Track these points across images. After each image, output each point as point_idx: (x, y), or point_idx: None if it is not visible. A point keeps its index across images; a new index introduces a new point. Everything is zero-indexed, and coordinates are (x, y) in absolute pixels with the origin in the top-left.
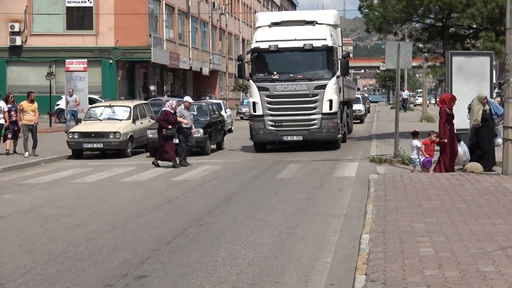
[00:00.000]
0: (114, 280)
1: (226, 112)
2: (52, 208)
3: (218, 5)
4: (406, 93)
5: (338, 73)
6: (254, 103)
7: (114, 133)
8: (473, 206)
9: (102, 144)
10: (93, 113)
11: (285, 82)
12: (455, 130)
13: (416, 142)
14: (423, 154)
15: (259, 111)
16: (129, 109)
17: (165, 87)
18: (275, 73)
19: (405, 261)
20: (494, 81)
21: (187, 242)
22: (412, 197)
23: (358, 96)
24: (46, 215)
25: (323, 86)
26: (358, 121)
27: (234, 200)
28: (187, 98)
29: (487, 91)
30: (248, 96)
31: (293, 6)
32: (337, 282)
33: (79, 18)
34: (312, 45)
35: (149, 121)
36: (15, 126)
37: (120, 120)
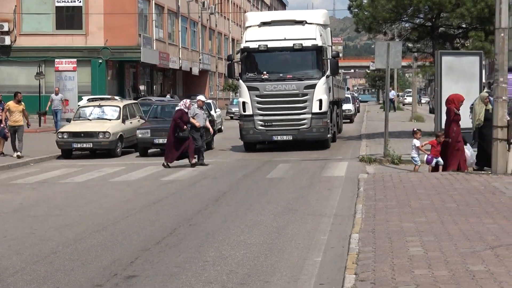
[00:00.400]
0: (104, 280)
1: (216, 112)
2: (41, 208)
3: (208, 4)
4: (392, 93)
5: (328, 72)
6: (244, 103)
7: (104, 133)
8: (462, 205)
9: (91, 144)
10: (82, 112)
11: (275, 82)
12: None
13: (415, 141)
14: (423, 153)
15: (249, 111)
16: (118, 109)
17: (154, 87)
18: (265, 72)
19: (394, 260)
20: (484, 80)
21: (177, 242)
22: (401, 196)
23: (348, 95)
24: (36, 215)
25: (313, 86)
26: (348, 120)
27: (224, 200)
28: (201, 97)
29: (477, 91)
30: (238, 96)
31: (283, 5)
32: (326, 281)
33: (69, 18)
34: (301, 44)
35: (138, 120)
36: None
37: (109, 120)
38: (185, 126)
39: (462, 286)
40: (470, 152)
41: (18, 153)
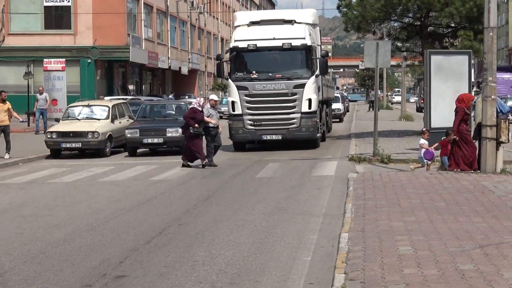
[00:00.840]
0: (93, 280)
1: None
2: (30, 208)
3: (197, 4)
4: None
5: (317, 72)
6: (233, 103)
7: (93, 132)
8: (452, 204)
9: (80, 143)
10: (71, 112)
11: (264, 81)
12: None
13: (421, 140)
14: (423, 149)
15: (238, 111)
16: (107, 108)
17: (144, 87)
18: (254, 72)
19: (384, 259)
20: (473, 79)
21: (166, 242)
22: (391, 196)
23: (337, 95)
24: (24, 215)
25: (302, 85)
26: (338, 120)
27: (213, 199)
28: (213, 96)
29: (466, 90)
30: (227, 95)
31: (272, 5)
32: (316, 281)
33: (57, 18)
34: (290, 44)
35: (127, 120)
36: None
37: (98, 119)
38: (196, 125)
39: (452, 285)
40: None
41: (7, 154)
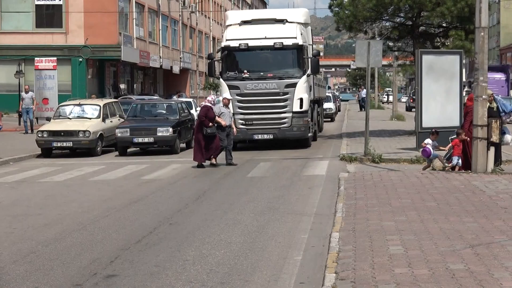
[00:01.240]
0: (83, 279)
1: (196, 110)
2: (20, 207)
3: (189, 3)
4: (364, 91)
5: (309, 71)
6: None
7: (84, 131)
8: (442, 204)
9: (71, 142)
10: (62, 111)
11: (255, 81)
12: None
13: (426, 140)
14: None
15: None
16: (99, 107)
17: (135, 86)
18: (246, 71)
19: (374, 259)
20: (464, 79)
21: (157, 241)
22: (382, 195)
23: (328, 94)
24: (15, 215)
25: (294, 85)
26: (329, 119)
27: (204, 199)
28: (226, 95)
29: (457, 90)
30: (218, 94)
31: (263, 4)
32: (307, 280)
33: (49, 16)
34: (282, 43)
35: (118, 119)
36: None
37: (89, 118)
38: (210, 124)
39: (442, 285)
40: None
41: None
